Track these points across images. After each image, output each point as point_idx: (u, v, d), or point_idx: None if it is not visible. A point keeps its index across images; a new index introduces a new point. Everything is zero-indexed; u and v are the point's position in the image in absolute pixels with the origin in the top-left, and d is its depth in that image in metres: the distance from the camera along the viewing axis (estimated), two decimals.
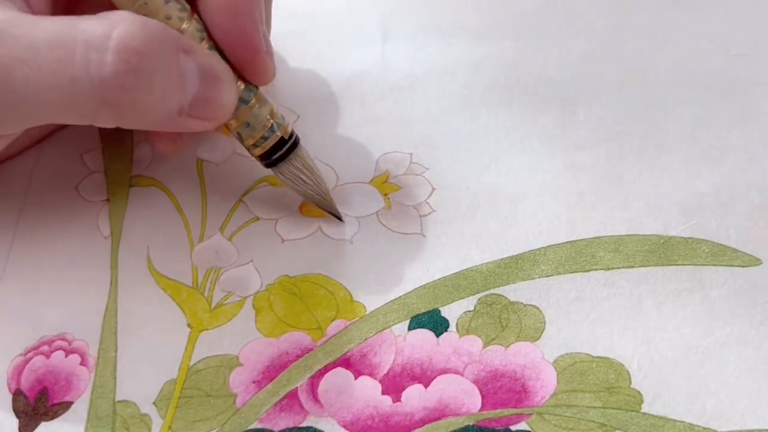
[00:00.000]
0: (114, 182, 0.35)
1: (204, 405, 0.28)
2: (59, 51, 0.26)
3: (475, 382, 0.29)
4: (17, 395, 0.29)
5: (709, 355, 0.29)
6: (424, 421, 0.28)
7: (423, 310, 0.30)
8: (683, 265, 0.31)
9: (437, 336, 0.30)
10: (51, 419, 0.28)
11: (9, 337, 0.30)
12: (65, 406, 0.29)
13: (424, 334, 0.30)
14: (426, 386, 0.29)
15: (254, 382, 0.29)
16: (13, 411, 0.29)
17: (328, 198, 0.33)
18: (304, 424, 0.28)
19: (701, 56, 0.38)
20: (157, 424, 0.28)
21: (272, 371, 0.29)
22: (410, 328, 0.30)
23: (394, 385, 0.29)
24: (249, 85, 0.31)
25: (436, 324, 0.30)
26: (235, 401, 0.29)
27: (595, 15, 0.40)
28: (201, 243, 0.33)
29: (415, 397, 0.28)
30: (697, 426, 0.27)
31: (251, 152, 0.32)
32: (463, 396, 0.28)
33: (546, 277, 0.31)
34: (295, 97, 0.37)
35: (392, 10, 0.41)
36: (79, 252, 0.33)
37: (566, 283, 0.31)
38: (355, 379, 0.29)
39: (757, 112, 0.36)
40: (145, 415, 0.28)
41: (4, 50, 0.26)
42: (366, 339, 0.30)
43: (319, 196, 0.32)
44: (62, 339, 0.30)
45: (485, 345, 0.29)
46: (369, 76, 0.38)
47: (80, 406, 0.29)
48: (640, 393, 0.28)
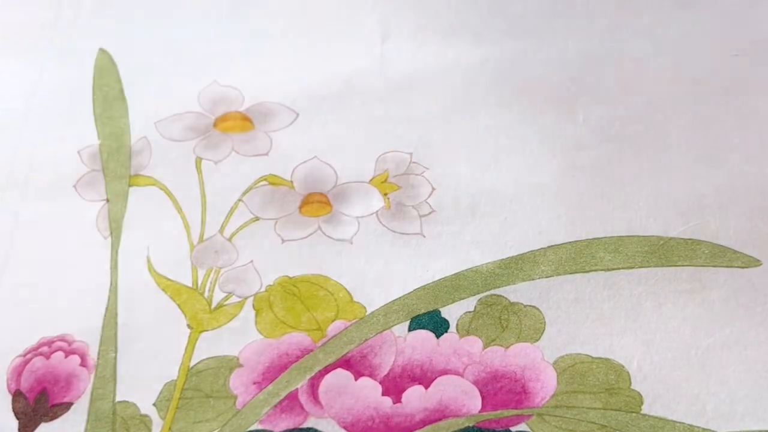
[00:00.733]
0: (112, 182, 0.35)
1: (204, 406, 0.28)
2: None
3: (476, 383, 0.29)
4: (17, 396, 0.29)
5: (710, 356, 0.29)
6: (424, 423, 0.28)
7: (423, 311, 0.30)
8: (683, 266, 0.31)
9: (437, 337, 0.30)
10: (51, 420, 0.28)
11: (8, 337, 0.30)
12: (65, 406, 0.29)
13: (425, 335, 0.30)
14: (426, 387, 0.28)
15: (254, 383, 0.29)
16: (13, 412, 0.29)
17: None
18: (305, 425, 0.28)
19: (701, 56, 0.38)
20: (157, 425, 0.28)
21: (272, 372, 0.29)
22: (410, 328, 0.30)
23: (394, 386, 0.29)
24: None
25: (436, 325, 0.30)
26: (235, 402, 0.29)
27: (595, 15, 0.40)
28: (201, 243, 0.33)
29: (415, 399, 0.28)
30: (697, 427, 0.27)
31: None
32: (464, 397, 0.28)
33: (546, 277, 0.31)
34: (295, 96, 0.37)
35: (392, 10, 0.41)
36: (78, 253, 0.33)
37: (566, 284, 0.31)
38: (356, 380, 0.29)
39: (757, 113, 0.36)
40: (145, 416, 0.28)
41: None
42: (366, 340, 0.30)
43: None
44: (62, 340, 0.30)
45: (485, 346, 0.29)
46: (369, 76, 0.38)
47: (80, 406, 0.29)
48: (640, 394, 0.28)
